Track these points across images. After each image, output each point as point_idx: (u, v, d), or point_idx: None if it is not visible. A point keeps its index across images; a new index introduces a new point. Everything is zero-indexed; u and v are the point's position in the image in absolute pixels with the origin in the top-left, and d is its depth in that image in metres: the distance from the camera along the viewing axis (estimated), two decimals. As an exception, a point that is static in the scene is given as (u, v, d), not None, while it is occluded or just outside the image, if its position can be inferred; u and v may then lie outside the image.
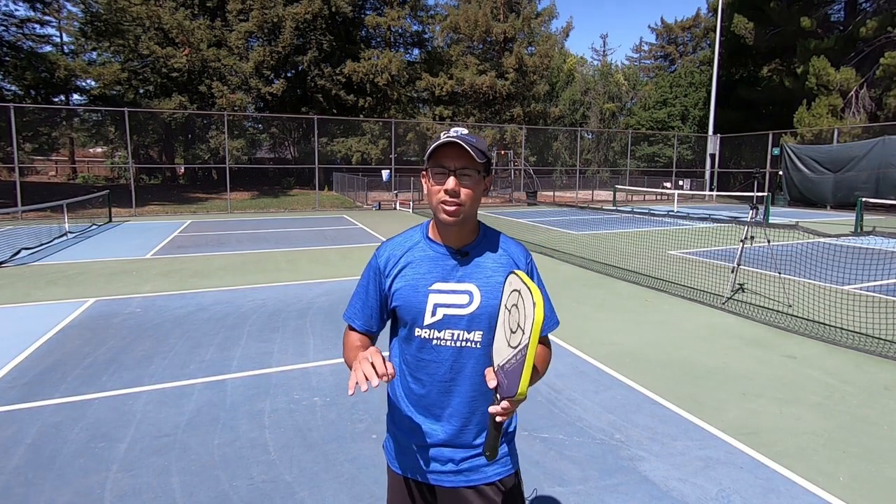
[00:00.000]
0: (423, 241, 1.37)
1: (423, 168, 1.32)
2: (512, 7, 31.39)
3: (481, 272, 1.32)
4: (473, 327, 1.30)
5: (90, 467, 2.79)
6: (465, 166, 1.25)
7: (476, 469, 1.34)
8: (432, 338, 1.31)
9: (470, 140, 1.25)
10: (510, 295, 1.17)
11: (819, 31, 25.64)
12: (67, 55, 27.65)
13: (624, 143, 33.23)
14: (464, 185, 1.25)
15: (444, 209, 1.26)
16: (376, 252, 1.40)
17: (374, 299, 1.38)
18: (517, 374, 1.06)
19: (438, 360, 1.32)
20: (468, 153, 1.23)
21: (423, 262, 1.33)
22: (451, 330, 1.30)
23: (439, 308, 1.30)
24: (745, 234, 6.46)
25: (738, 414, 3.44)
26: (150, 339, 4.83)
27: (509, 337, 1.13)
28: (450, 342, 1.31)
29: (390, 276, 1.35)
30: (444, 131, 1.30)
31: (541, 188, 27.16)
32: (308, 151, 28.03)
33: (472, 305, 1.30)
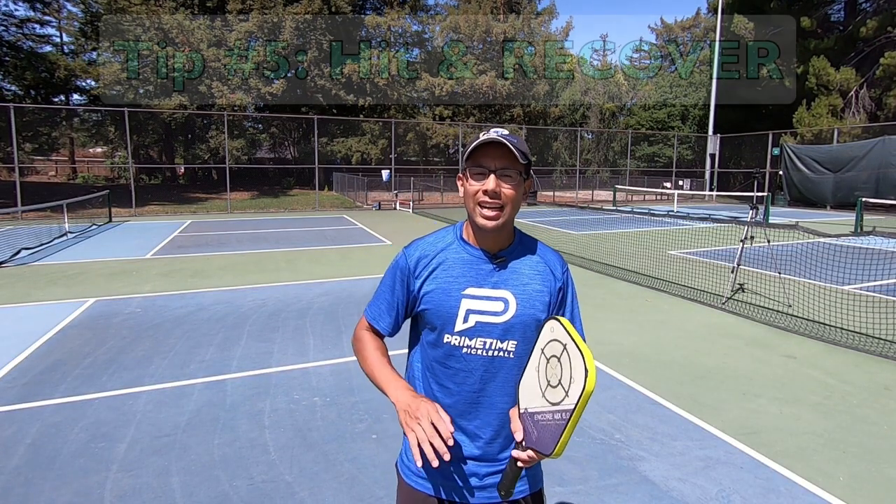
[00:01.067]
0: (457, 242, 1.30)
1: (461, 170, 1.27)
2: (512, 7, 31.39)
3: (518, 279, 1.26)
4: (507, 337, 1.24)
5: (90, 467, 2.79)
6: (506, 166, 1.19)
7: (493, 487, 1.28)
8: (462, 345, 1.25)
9: (512, 140, 1.19)
10: (550, 343, 1.10)
11: (819, 31, 25.66)
12: (67, 55, 27.67)
13: (624, 143, 33.22)
14: (506, 186, 1.19)
15: (482, 212, 1.20)
16: (405, 251, 1.32)
17: (402, 301, 1.31)
18: (554, 434, 1.02)
19: (468, 369, 1.25)
20: (511, 153, 1.17)
21: (456, 265, 1.26)
22: (483, 338, 1.24)
23: (472, 315, 1.23)
24: (745, 234, 6.46)
25: (738, 414, 3.44)
26: (150, 339, 4.83)
27: (545, 389, 1.07)
28: (481, 351, 1.24)
29: (420, 277, 1.28)
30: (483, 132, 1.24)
31: (541, 188, 27.17)
32: (308, 151, 28.03)
33: (508, 314, 1.23)
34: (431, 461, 1.02)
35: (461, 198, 1.28)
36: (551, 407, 1.04)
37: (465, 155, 1.23)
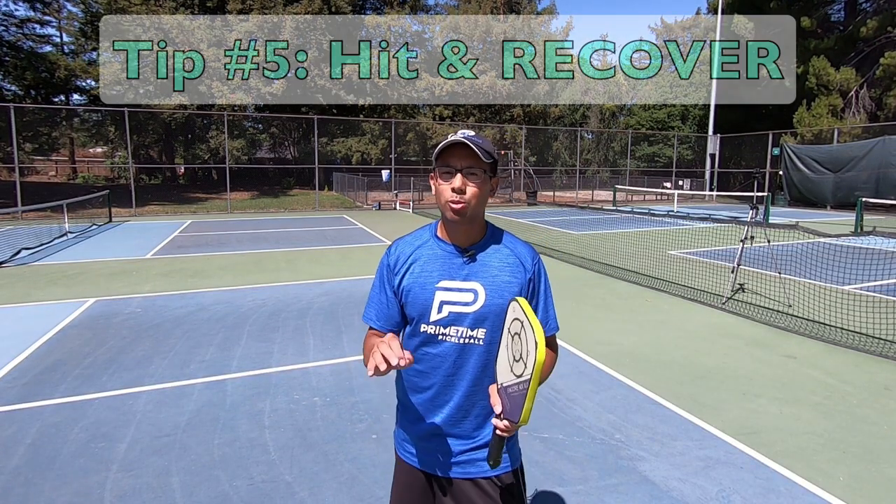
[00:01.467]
0: (432, 239, 1.40)
1: (432, 169, 1.35)
2: (512, 7, 31.39)
3: (487, 271, 1.35)
4: (477, 325, 1.33)
5: (90, 467, 2.79)
6: (471, 165, 1.28)
7: (474, 462, 1.37)
8: (438, 334, 1.35)
9: (476, 140, 1.28)
10: (512, 322, 1.20)
11: (819, 31, 25.66)
12: (67, 55, 27.66)
13: (624, 143, 33.21)
14: (470, 184, 1.28)
15: (450, 207, 1.29)
16: (388, 250, 1.44)
17: (392, 298, 1.41)
18: (519, 403, 1.11)
19: (443, 355, 1.36)
20: (475, 153, 1.26)
21: (430, 261, 1.37)
22: (456, 327, 1.34)
23: (445, 305, 1.33)
24: (745, 234, 6.46)
25: (738, 414, 3.44)
26: (150, 339, 4.83)
27: (512, 364, 1.16)
28: (455, 338, 1.34)
29: (399, 273, 1.39)
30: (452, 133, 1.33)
31: (541, 188, 27.15)
32: (308, 151, 28.02)
33: (477, 303, 1.33)
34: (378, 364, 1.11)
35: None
36: (517, 379, 1.13)
37: (434, 156, 1.32)
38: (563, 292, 6.71)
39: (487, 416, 1.38)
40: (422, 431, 1.40)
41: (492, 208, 20.71)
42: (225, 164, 20.85)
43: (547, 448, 3.01)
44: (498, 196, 24.95)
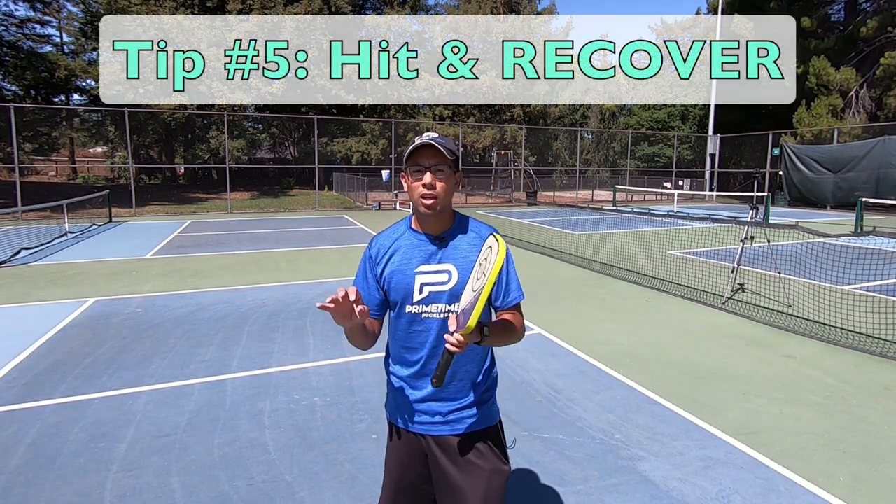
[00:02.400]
0: (408, 231, 1.59)
1: (403, 169, 1.54)
2: (512, 7, 31.38)
3: (457, 253, 1.53)
4: (453, 300, 1.51)
5: (90, 467, 2.79)
6: (438, 163, 1.47)
7: (461, 420, 1.56)
8: (421, 312, 1.53)
9: (440, 141, 1.46)
10: (483, 251, 1.38)
11: (819, 31, 25.65)
12: (67, 55, 27.66)
13: (624, 143, 33.21)
14: (438, 180, 1.47)
15: (422, 202, 1.48)
16: (369, 244, 1.64)
17: (374, 286, 1.59)
18: (469, 311, 1.23)
19: (427, 329, 1.53)
20: (440, 152, 1.45)
21: (408, 249, 1.55)
22: (435, 304, 1.52)
23: (425, 287, 1.52)
24: (745, 234, 6.46)
25: (738, 414, 3.44)
26: (150, 339, 4.83)
27: (473, 284, 1.32)
28: (435, 314, 1.52)
29: (381, 263, 1.57)
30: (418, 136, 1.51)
31: (541, 188, 27.14)
32: (308, 151, 28.01)
33: (451, 282, 1.51)
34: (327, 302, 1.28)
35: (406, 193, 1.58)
36: (472, 294, 1.27)
37: (405, 157, 1.51)
38: (563, 292, 6.71)
39: (469, 380, 1.58)
40: (413, 398, 1.57)
41: (492, 208, 20.71)
42: (225, 164, 20.84)
43: (547, 448, 3.01)
44: (498, 196, 24.94)
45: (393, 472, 1.66)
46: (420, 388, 1.56)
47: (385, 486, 1.68)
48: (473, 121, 30.49)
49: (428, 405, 1.56)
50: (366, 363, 4.27)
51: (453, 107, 30.69)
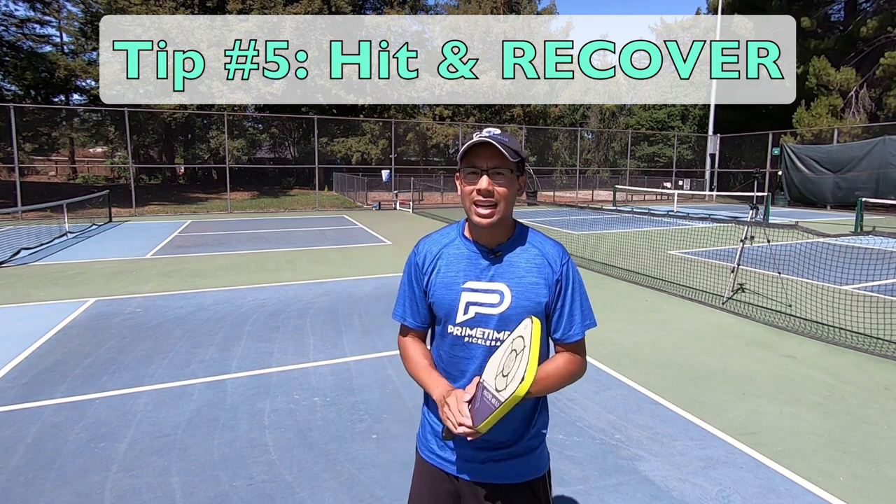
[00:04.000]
0: (459, 238, 1.38)
1: (457, 170, 1.33)
2: (512, 7, 31.37)
3: (513, 272, 1.31)
4: (503, 327, 1.30)
5: (90, 467, 2.79)
6: (497, 166, 1.24)
7: (500, 468, 1.33)
8: (464, 335, 1.32)
9: (502, 139, 1.24)
10: (517, 339, 1.18)
11: (819, 30, 25.65)
12: (67, 55, 27.66)
13: (624, 143, 33.21)
14: (498, 185, 1.25)
15: (476, 211, 1.26)
16: (415, 249, 1.42)
17: (420, 295, 1.40)
18: (485, 413, 1.11)
19: (470, 356, 1.32)
20: (500, 152, 1.23)
21: (457, 261, 1.34)
22: (482, 328, 1.31)
23: (471, 306, 1.31)
24: (745, 234, 6.46)
25: (738, 414, 3.44)
26: (150, 339, 4.83)
27: (497, 375, 1.16)
28: (481, 340, 1.31)
29: (427, 272, 1.37)
30: (477, 132, 1.29)
31: (541, 188, 27.14)
32: (308, 151, 28.02)
33: (503, 305, 1.29)
34: (452, 429, 1.16)
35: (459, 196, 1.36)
36: (494, 391, 1.12)
37: (459, 156, 1.29)
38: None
39: (522, 422, 1.34)
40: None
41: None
42: (225, 164, 20.84)
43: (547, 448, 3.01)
44: (498, 196, 24.91)
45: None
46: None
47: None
48: (473, 121, 30.48)
49: (470, 444, 1.31)
50: (366, 363, 4.27)
51: (453, 107, 30.69)
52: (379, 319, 5.47)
